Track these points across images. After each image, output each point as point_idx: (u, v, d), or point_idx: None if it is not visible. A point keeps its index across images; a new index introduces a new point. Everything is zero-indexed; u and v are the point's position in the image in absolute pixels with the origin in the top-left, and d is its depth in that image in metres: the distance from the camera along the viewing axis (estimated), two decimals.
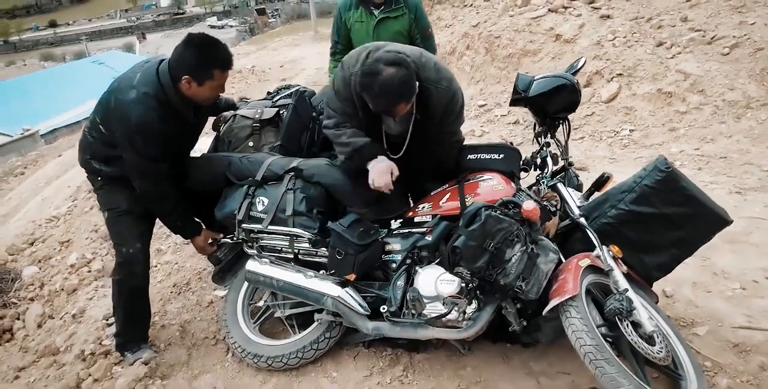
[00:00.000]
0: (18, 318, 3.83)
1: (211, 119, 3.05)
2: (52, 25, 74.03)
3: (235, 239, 2.79)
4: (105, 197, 2.76)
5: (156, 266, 3.70)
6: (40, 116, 20.67)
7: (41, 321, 3.66)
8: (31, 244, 5.16)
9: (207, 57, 2.42)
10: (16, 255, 4.93)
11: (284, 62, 13.04)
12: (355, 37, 3.72)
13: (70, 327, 3.29)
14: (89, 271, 3.91)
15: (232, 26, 47.14)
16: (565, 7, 7.26)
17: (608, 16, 6.77)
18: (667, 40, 5.92)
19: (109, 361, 2.83)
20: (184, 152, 2.82)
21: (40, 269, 4.46)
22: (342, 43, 3.81)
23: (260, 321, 2.90)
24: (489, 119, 6.49)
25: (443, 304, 2.32)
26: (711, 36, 5.70)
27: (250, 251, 2.78)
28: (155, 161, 2.52)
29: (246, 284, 2.90)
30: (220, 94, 2.68)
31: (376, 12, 3.64)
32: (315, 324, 2.69)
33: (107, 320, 3.17)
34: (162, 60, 2.53)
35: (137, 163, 2.52)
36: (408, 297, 2.40)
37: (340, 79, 2.45)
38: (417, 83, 2.28)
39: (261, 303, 2.88)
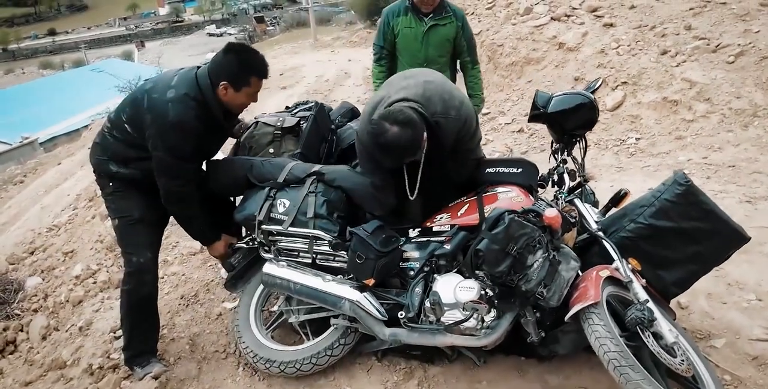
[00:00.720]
0: (21, 330, 3.79)
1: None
2: (51, 33, 74.06)
3: (251, 243, 2.79)
4: (116, 203, 2.72)
5: (162, 278, 3.64)
6: (40, 124, 20.67)
7: (46, 333, 3.62)
8: (32, 253, 5.12)
9: (246, 64, 2.52)
10: (17, 264, 4.89)
11: (284, 70, 13.02)
12: (402, 42, 3.82)
13: (77, 339, 3.24)
14: (95, 282, 3.87)
15: (230, 34, 47.23)
16: (568, 16, 7.28)
17: (611, 25, 6.78)
18: (672, 49, 5.92)
19: (118, 375, 2.79)
20: (206, 157, 2.85)
21: (43, 280, 4.42)
22: (387, 49, 3.90)
23: (272, 327, 2.88)
24: (493, 127, 6.49)
25: (463, 309, 2.31)
26: (716, 44, 5.71)
27: (266, 256, 2.77)
28: (187, 161, 2.56)
29: (259, 289, 2.89)
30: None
31: (426, 19, 3.74)
32: (330, 329, 2.67)
33: (115, 333, 3.13)
34: (198, 67, 2.62)
35: (168, 162, 2.52)
36: (428, 301, 2.39)
37: (360, 131, 2.55)
38: (425, 135, 2.32)
39: (275, 308, 2.86)
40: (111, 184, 2.71)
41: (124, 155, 2.64)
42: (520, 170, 2.60)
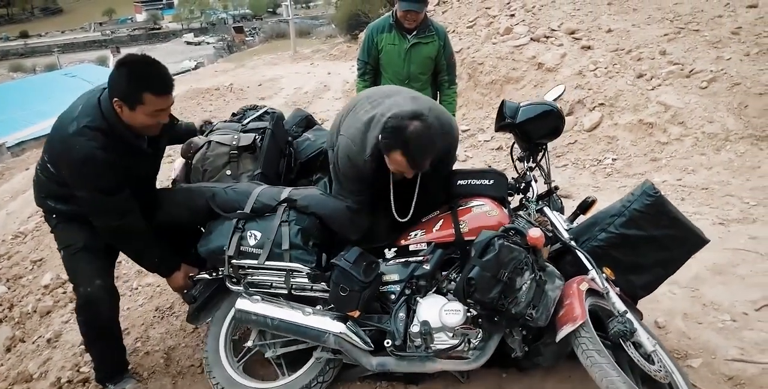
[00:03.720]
0: None
1: (177, 147, 2.89)
2: (23, 35, 72.47)
3: (214, 274, 2.61)
4: (61, 235, 2.56)
5: (137, 289, 3.56)
6: (8, 127, 20.08)
7: (11, 344, 3.49)
8: None
9: (137, 78, 2.21)
10: None
11: (262, 81, 13.00)
12: (386, 59, 3.88)
13: (45, 352, 3.12)
14: (64, 292, 3.74)
15: (209, 43, 47.03)
16: (547, 37, 7.45)
17: (589, 47, 6.96)
18: (647, 73, 6.09)
19: None
20: (145, 181, 2.62)
21: (9, 288, 4.26)
22: (371, 64, 3.95)
23: (244, 360, 2.70)
24: (472, 144, 6.54)
25: (453, 335, 2.29)
26: (689, 70, 5.89)
27: (234, 288, 2.57)
28: (112, 194, 2.31)
29: (228, 318, 2.69)
30: (171, 120, 2.54)
31: (409, 36, 3.80)
32: (308, 364, 2.54)
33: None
34: (104, 88, 2.33)
35: (93, 200, 2.31)
36: (419, 331, 2.33)
37: (349, 167, 2.38)
38: None
39: (249, 344, 2.65)
40: (54, 217, 2.55)
41: (58, 193, 2.47)
42: (491, 181, 2.57)
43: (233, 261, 2.48)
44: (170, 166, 3.10)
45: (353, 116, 2.44)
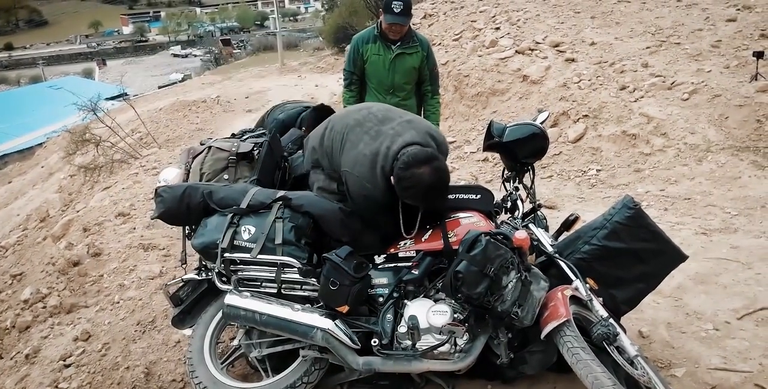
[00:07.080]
0: None
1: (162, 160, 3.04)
2: (8, 47, 72.10)
3: (203, 274, 2.64)
4: None
5: (119, 303, 3.51)
6: None
7: None
8: None
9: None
10: None
11: (250, 94, 13.02)
12: (371, 69, 3.95)
13: (22, 368, 3.07)
14: (44, 307, 3.68)
15: (196, 56, 47.10)
16: (532, 50, 7.53)
17: (573, 60, 7.04)
18: (630, 85, 6.17)
19: None
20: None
21: None
22: (357, 75, 4.02)
23: (229, 361, 2.71)
24: (458, 156, 6.57)
25: (440, 333, 2.32)
26: (671, 82, 5.97)
27: (224, 287, 2.60)
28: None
29: (215, 320, 2.71)
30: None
31: (393, 47, 3.87)
32: (293, 365, 2.55)
33: (64, 360, 2.97)
34: None
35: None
36: (404, 326, 2.37)
37: (368, 201, 2.48)
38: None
39: (234, 343, 2.68)
40: None
41: None
42: (479, 196, 2.65)
43: (226, 255, 2.51)
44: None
45: (352, 149, 2.48)
